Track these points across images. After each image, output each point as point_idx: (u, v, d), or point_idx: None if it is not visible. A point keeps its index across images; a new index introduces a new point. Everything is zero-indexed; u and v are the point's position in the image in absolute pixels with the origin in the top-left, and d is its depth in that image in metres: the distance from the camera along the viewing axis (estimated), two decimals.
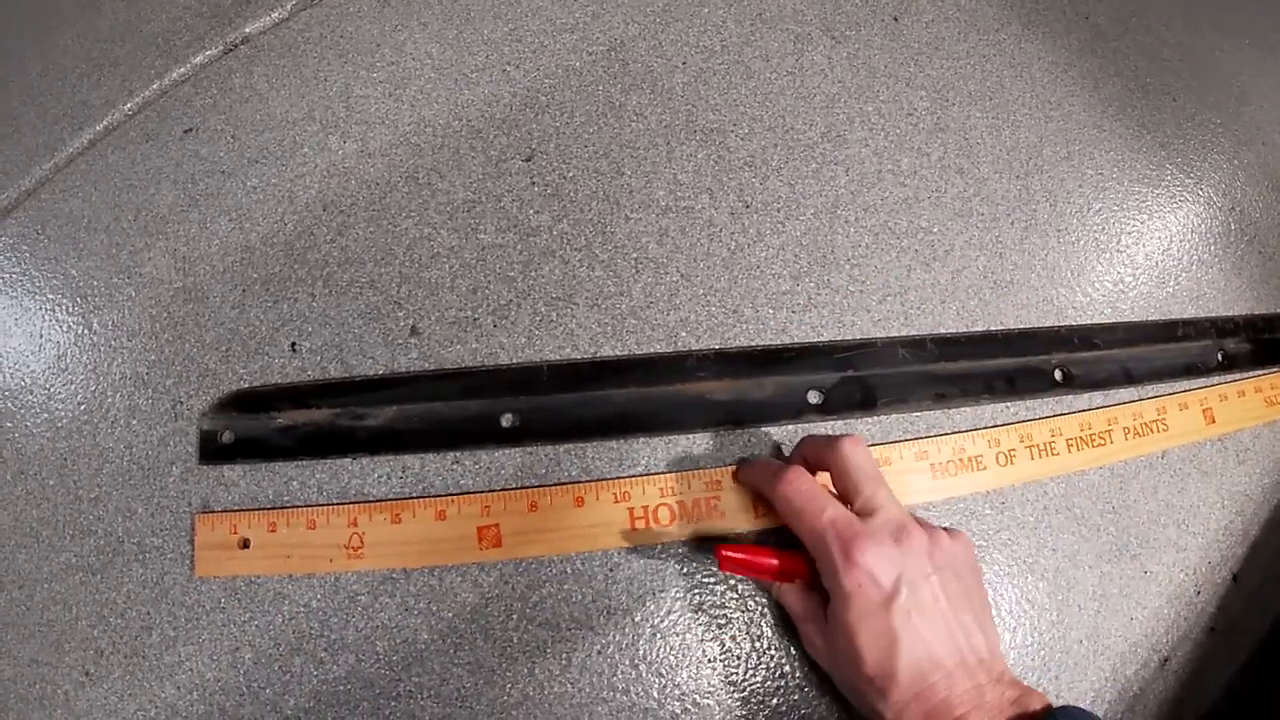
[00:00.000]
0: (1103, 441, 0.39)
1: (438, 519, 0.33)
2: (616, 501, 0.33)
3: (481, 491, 0.34)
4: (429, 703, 0.32)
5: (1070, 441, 0.39)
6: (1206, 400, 0.42)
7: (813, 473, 0.32)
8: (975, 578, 0.30)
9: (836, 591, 0.28)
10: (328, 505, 0.33)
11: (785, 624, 0.33)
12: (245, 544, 0.33)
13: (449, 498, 0.33)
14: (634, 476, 0.34)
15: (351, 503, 0.33)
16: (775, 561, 0.30)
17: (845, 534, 0.28)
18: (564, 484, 0.34)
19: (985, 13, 0.48)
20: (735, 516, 0.34)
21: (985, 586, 0.31)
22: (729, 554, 0.30)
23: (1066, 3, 0.51)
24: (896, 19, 0.47)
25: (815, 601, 0.30)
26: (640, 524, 0.33)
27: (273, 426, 0.34)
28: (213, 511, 0.33)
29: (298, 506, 0.33)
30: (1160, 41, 0.52)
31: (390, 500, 0.34)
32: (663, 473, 0.34)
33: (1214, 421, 0.42)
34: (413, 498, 0.34)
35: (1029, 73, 0.47)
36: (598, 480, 0.34)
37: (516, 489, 0.34)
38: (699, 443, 0.35)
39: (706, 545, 0.34)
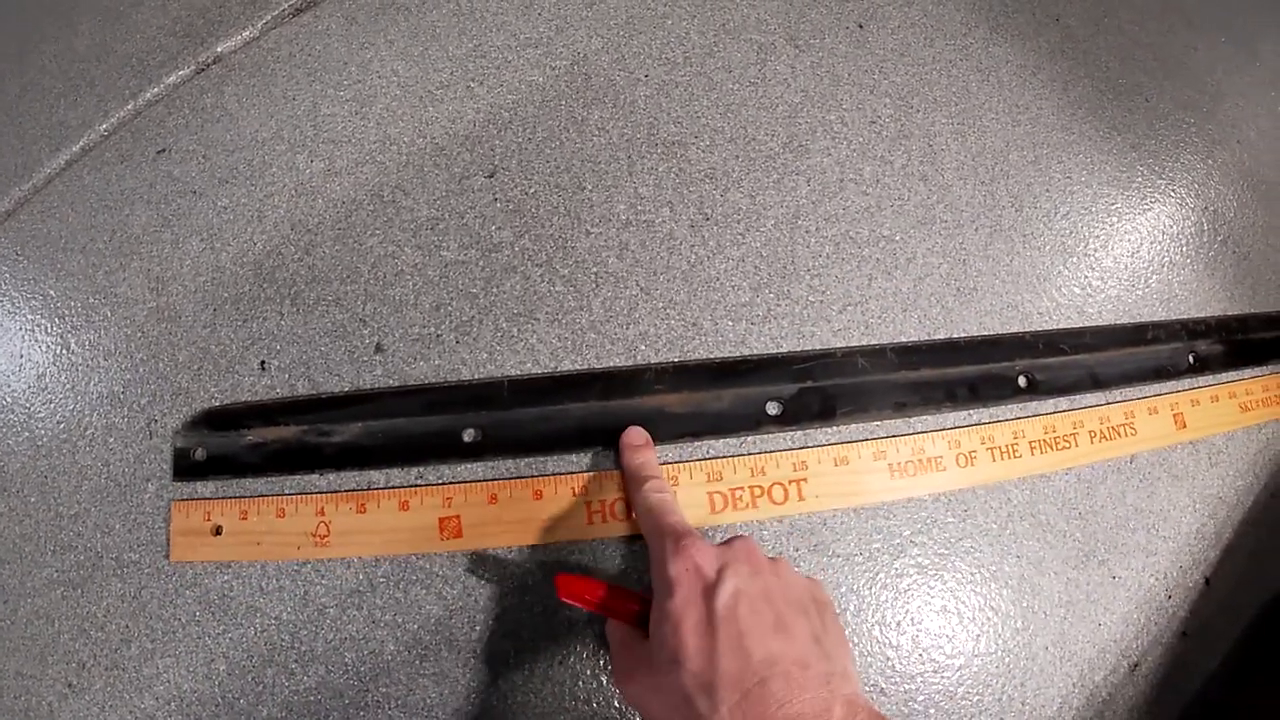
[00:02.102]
0: (1067, 444, 0.40)
1: (401, 509, 0.34)
2: (575, 495, 0.34)
3: (444, 484, 0.35)
4: (396, 713, 0.32)
5: (1033, 444, 0.39)
6: (1178, 405, 0.42)
7: None
8: (824, 607, 0.28)
9: (662, 581, 0.28)
10: (296, 495, 0.34)
11: None
12: (218, 530, 0.34)
13: (412, 489, 0.34)
14: (592, 472, 0.35)
15: (319, 493, 0.34)
16: (604, 592, 0.30)
17: (680, 532, 0.29)
18: (524, 478, 0.35)
19: (952, 17, 0.48)
20: (690, 512, 0.34)
21: (840, 625, 0.29)
22: (565, 580, 0.30)
23: (1036, 4, 0.51)
24: (861, 26, 0.47)
25: (636, 635, 0.29)
26: (598, 519, 0.34)
27: (243, 444, 0.35)
28: (188, 499, 0.34)
29: (268, 495, 0.34)
30: (1132, 41, 0.51)
31: (356, 491, 0.34)
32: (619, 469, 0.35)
33: (1185, 426, 0.42)
34: (376, 488, 0.35)
35: (996, 76, 0.47)
36: (556, 475, 0.35)
37: (478, 481, 0.35)
38: (659, 451, 0.36)
39: None
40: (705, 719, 0.24)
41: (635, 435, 0.35)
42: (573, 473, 0.35)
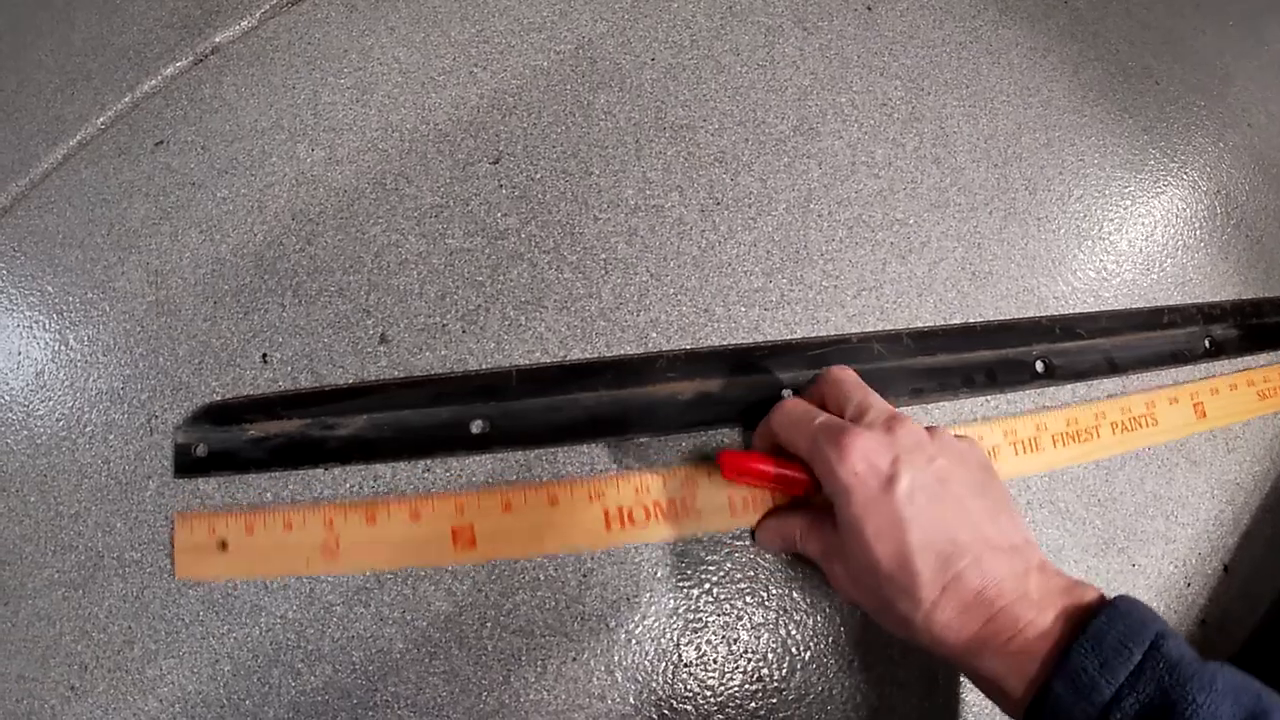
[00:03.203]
0: (1089, 437, 0.39)
1: (412, 519, 0.33)
2: (591, 500, 0.33)
3: (456, 492, 0.34)
4: (405, 712, 0.32)
5: (1056, 436, 0.38)
6: (1197, 394, 0.42)
7: None
8: (989, 474, 0.28)
9: (837, 490, 0.26)
10: (305, 505, 0.33)
11: (760, 627, 0.33)
12: (224, 546, 0.33)
13: (423, 498, 0.33)
14: (609, 475, 0.34)
15: (328, 503, 0.33)
16: (772, 468, 0.29)
17: (836, 431, 0.27)
18: (538, 483, 0.34)
19: None
20: (711, 516, 0.33)
21: (1003, 484, 0.29)
22: (731, 459, 0.29)
23: None
24: (870, 8, 0.46)
25: (832, 535, 0.28)
26: (615, 524, 0.33)
27: (245, 438, 0.34)
28: (193, 512, 0.34)
29: (275, 506, 0.33)
30: (1141, 24, 0.51)
31: (365, 500, 0.34)
32: (638, 471, 0.34)
33: (1205, 416, 0.42)
34: (388, 495, 0.34)
35: (1007, 59, 0.46)
36: (571, 480, 0.34)
37: (490, 488, 0.34)
38: (672, 442, 0.35)
39: (680, 548, 0.34)
40: (910, 618, 0.25)
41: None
42: (588, 476, 0.34)
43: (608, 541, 0.33)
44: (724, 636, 0.33)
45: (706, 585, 0.34)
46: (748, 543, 0.34)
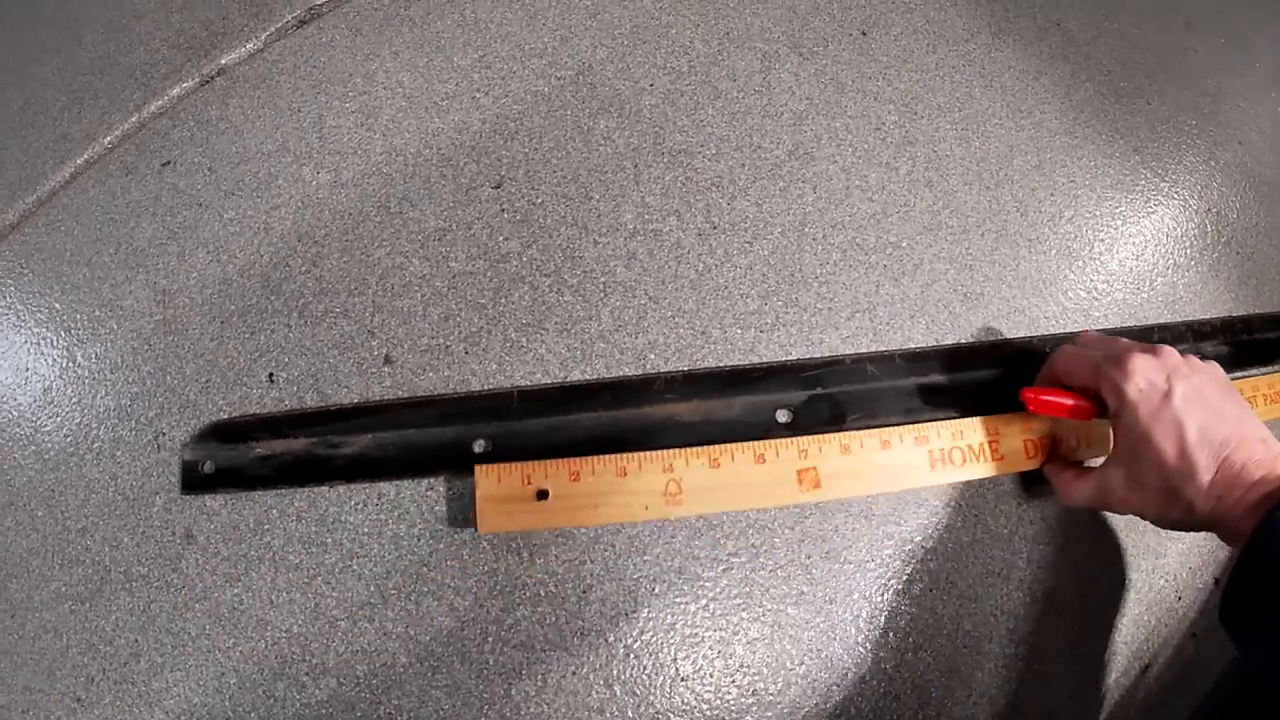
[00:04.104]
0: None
1: (757, 462, 0.34)
2: (918, 443, 0.36)
3: (797, 438, 0.35)
4: None
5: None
6: None
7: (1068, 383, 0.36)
8: (1231, 388, 0.34)
9: (1124, 405, 0.32)
10: (637, 454, 0.34)
11: (755, 642, 0.34)
12: (543, 495, 0.33)
13: (767, 443, 0.35)
14: (933, 421, 0.37)
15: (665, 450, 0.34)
16: (1070, 402, 0.35)
17: (1114, 358, 0.33)
18: (871, 431, 0.36)
19: (954, 24, 0.49)
20: (1012, 460, 0.36)
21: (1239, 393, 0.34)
22: (1033, 395, 0.35)
23: (1037, 10, 0.51)
24: (864, 33, 0.47)
25: (1095, 472, 0.35)
26: (939, 464, 0.36)
27: (252, 456, 0.35)
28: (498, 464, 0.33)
29: (598, 457, 0.34)
30: (1133, 45, 0.52)
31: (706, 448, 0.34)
32: (956, 419, 0.37)
33: None
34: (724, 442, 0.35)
35: (999, 82, 0.47)
36: (901, 426, 0.36)
37: (832, 434, 0.36)
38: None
39: (677, 565, 0.34)
40: (1193, 499, 0.31)
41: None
42: (914, 423, 0.37)
43: (932, 480, 0.36)
44: (720, 651, 0.34)
45: (703, 601, 0.34)
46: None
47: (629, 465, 0.33)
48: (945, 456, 0.36)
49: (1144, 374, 0.33)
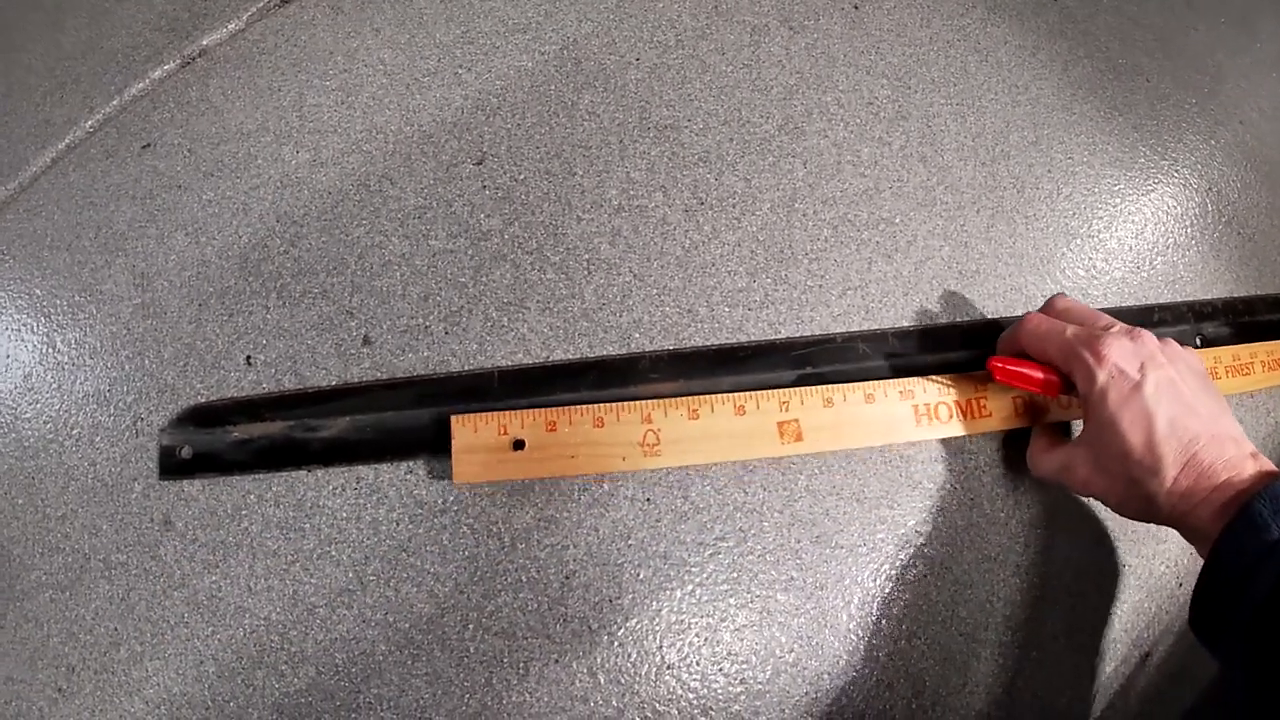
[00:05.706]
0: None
1: (737, 413, 0.33)
2: (902, 398, 0.35)
3: (781, 390, 0.35)
4: (388, 714, 0.32)
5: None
6: None
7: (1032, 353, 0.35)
8: (1208, 380, 0.33)
9: (1092, 389, 0.31)
10: (616, 404, 0.33)
11: (743, 629, 0.33)
12: (519, 445, 0.32)
13: (748, 395, 0.34)
14: (917, 378, 0.36)
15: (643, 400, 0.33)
16: (1040, 375, 0.34)
17: (1089, 339, 0.32)
18: (858, 385, 0.35)
19: None
20: (1001, 418, 0.36)
21: (1216, 388, 0.33)
22: (1000, 365, 0.34)
23: None
24: (857, 6, 0.46)
25: (1065, 446, 0.34)
26: (924, 420, 0.35)
27: (228, 440, 0.34)
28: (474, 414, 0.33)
29: (577, 406, 0.33)
30: (1132, 21, 0.51)
31: (685, 399, 0.34)
32: (942, 377, 0.36)
33: None
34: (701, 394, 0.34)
35: (995, 57, 0.46)
36: (885, 380, 0.36)
37: (815, 387, 0.35)
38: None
39: (663, 549, 0.34)
40: (1155, 493, 0.30)
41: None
42: (899, 378, 0.36)
43: (918, 435, 0.35)
44: (707, 638, 0.33)
45: (689, 587, 0.33)
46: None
47: (606, 416, 0.33)
48: (931, 411, 0.35)
49: (1117, 359, 0.31)
